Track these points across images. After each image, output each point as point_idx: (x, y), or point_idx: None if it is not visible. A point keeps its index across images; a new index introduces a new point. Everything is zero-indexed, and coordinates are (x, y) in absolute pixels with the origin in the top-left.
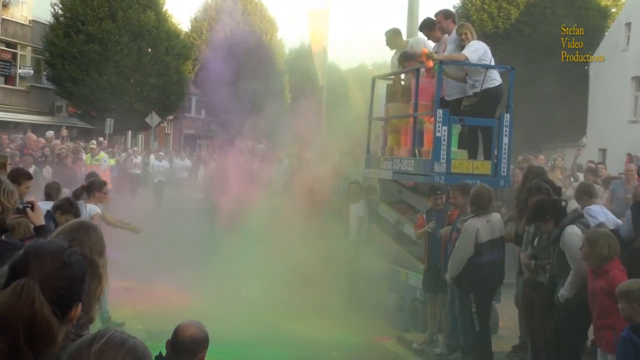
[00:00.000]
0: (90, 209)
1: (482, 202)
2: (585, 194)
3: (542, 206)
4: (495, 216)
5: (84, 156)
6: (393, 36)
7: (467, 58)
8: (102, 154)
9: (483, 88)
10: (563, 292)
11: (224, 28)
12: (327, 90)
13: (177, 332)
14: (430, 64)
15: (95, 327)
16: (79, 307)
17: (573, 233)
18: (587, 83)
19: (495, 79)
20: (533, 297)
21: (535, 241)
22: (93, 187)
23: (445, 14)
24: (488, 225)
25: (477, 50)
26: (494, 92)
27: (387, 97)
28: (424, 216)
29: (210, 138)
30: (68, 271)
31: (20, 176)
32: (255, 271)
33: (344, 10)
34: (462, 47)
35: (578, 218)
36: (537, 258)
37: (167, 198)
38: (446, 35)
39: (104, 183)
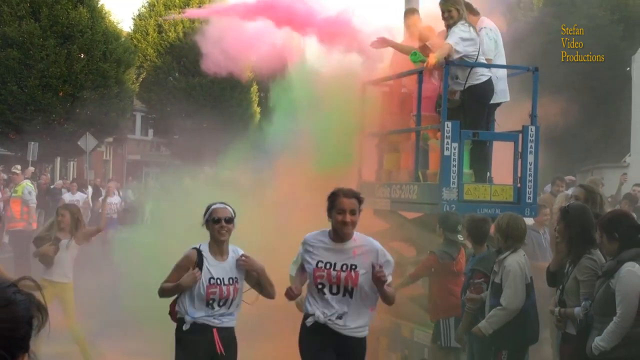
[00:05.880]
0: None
1: (520, 234)
2: None
3: (617, 219)
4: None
5: None
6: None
7: (452, 47)
8: (24, 183)
9: (467, 85)
10: (599, 342)
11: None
12: (308, 105)
13: None
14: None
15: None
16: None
17: (634, 272)
18: (629, 87)
19: (481, 73)
20: (564, 353)
21: (565, 282)
22: None
23: None
24: (525, 260)
25: (462, 37)
26: (482, 89)
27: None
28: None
29: (161, 164)
30: (12, 310)
31: None
32: None
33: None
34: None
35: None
36: (564, 305)
37: None
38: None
39: None
